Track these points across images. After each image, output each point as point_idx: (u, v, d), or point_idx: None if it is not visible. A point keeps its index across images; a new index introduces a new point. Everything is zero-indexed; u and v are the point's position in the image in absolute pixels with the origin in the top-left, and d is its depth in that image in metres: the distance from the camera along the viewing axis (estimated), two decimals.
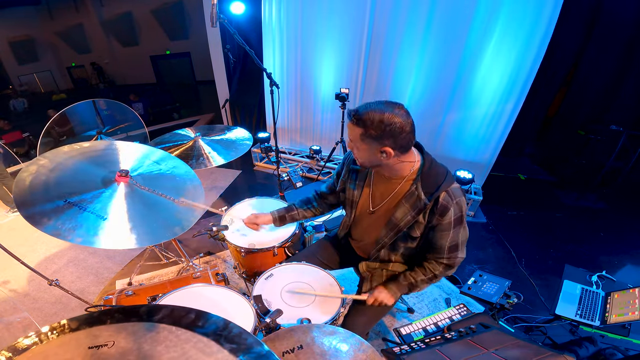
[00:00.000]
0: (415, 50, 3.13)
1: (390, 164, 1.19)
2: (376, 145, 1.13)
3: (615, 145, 3.54)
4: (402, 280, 1.38)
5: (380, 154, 1.15)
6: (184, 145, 2.07)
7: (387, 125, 1.08)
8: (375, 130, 1.09)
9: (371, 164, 1.23)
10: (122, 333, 0.71)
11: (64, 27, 9.36)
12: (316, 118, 4.03)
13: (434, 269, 1.33)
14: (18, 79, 9.42)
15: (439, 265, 1.32)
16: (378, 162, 1.19)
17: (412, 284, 1.37)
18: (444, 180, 1.18)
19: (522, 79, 2.78)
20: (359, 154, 1.21)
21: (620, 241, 2.92)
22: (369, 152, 1.16)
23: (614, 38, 3.40)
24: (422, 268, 1.36)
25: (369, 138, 1.12)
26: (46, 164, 1.23)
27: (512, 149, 3.97)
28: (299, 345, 1.04)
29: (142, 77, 10.09)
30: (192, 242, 2.83)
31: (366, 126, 1.10)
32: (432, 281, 1.38)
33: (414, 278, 1.36)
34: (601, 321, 1.57)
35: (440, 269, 1.32)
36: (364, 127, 1.10)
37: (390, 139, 1.10)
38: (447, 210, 1.17)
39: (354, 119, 1.12)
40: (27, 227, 3.10)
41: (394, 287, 1.38)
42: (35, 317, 2.17)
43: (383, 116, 1.08)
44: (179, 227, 1.25)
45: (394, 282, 1.39)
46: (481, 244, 2.84)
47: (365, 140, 1.13)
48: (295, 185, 2.48)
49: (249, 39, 3.95)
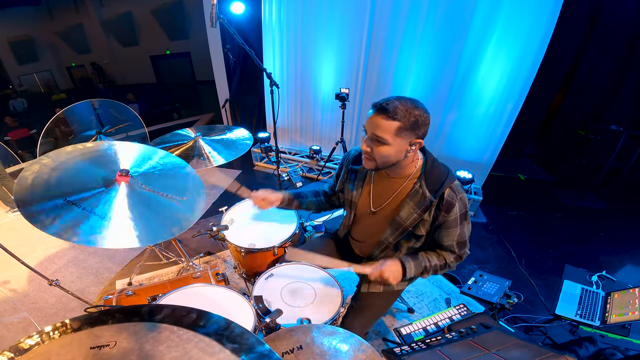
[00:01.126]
0: (415, 50, 3.13)
1: (408, 159, 1.18)
2: (410, 137, 1.10)
3: (615, 145, 3.54)
4: (421, 259, 1.29)
5: (410, 147, 1.12)
6: (185, 145, 2.07)
7: (419, 116, 1.07)
8: (411, 124, 1.07)
9: (394, 161, 1.16)
10: (124, 333, 0.71)
11: (64, 27, 9.34)
12: (316, 118, 4.04)
13: (446, 257, 1.30)
14: (18, 79, 9.41)
15: (451, 255, 1.30)
16: (400, 159, 1.15)
17: (426, 267, 1.29)
18: (447, 178, 1.18)
19: (522, 79, 2.78)
20: (388, 150, 1.12)
21: (620, 241, 2.92)
22: (400, 146, 1.11)
23: (614, 38, 3.41)
24: (436, 253, 1.31)
25: (405, 131, 1.08)
26: (49, 163, 1.23)
27: (512, 149, 3.96)
28: (299, 346, 1.04)
29: (142, 77, 10.08)
30: (192, 242, 2.83)
31: (404, 118, 1.06)
32: (442, 269, 1.32)
33: (429, 260, 1.29)
34: (601, 321, 1.58)
35: (452, 259, 1.30)
36: (401, 119, 1.06)
37: (422, 128, 1.10)
38: (453, 207, 1.17)
39: (390, 112, 1.05)
40: (27, 227, 3.10)
41: (412, 265, 1.27)
42: (35, 317, 2.17)
43: (418, 108, 1.07)
44: (178, 228, 1.25)
45: (413, 258, 1.29)
46: (481, 244, 2.84)
47: (401, 134, 1.08)
48: (295, 185, 2.48)
49: (249, 39, 3.95)
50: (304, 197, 1.58)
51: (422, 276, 1.32)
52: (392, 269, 1.24)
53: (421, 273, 1.30)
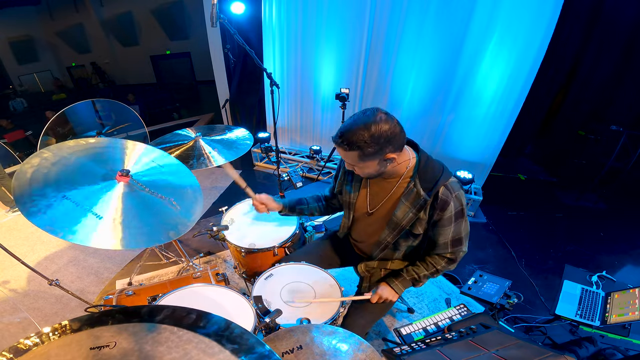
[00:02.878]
0: (415, 50, 3.12)
1: (394, 164, 1.19)
2: (378, 158, 1.11)
3: (615, 145, 3.54)
4: (405, 275, 1.38)
5: (385, 162, 1.14)
6: (185, 145, 2.07)
7: (379, 137, 1.06)
8: (371, 147, 1.07)
9: (380, 173, 1.21)
10: (124, 334, 0.71)
11: (64, 27, 9.34)
12: (316, 118, 4.03)
13: (436, 263, 1.33)
14: (18, 79, 9.41)
15: (442, 260, 1.32)
16: (384, 170, 1.19)
17: (415, 279, 1.37)
18: (441, 175, 1.18)
19: (522, 79, 2.78)
20: (364, 171, 1.19)
21: (620, 241, 2.92)
22: (373, 167, 1.15)
23: (614, 38, 3.40)
24: (424, 263, 1.36)
25: (368, 156, 1.10)
26: (49, 157, 1.21)
27: (512, 149, 3.97)
28: (299, 346, 1.04)
29: (142, 77, 10.08)
30: (192, 242, 2.83)
31: (360, 147, 1.07)
32: (433, 276, 1.38)
33: (416, 273, 1.36)
34: (601, 321, 1.58)
35: (443, 264, 1.33)
36: (359, 148, 1.08)
37: (389, 146, 1.09)
38: (448, 205, 1.17)
39: (345, 146, 1.09)
40: (27, 227, 3.12)
41: (398, 283, 1.38)
42: (35, 317, 2.17)
43: (371, 129, 1.05)
44: (174, 232, 1.23)
45: (397, 277, 1.38)
46: (481, 244, 2.84)
47: (366, 159, 1.11)
48: (295, 185, 2.48)
49: (249, 38, 3.95)
50: (305, 204, 1.61)
51: (417, 285, 1.41)
52: (385, 292, 1.37)
53: (412, 284, 1.40)
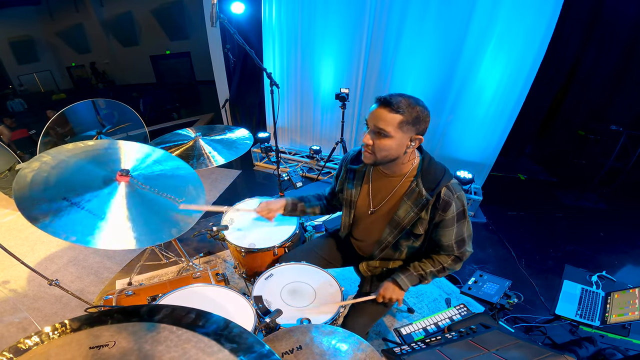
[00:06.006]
0: (415, 50, 3.12)
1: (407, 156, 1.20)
2: (412, 131, 1.13)
3: (615, 145, 3.54)
4: (412, 270, 1.34)
5: (410, 142, 1.15)
6: (185, 145, 2.07)
7: (420, 112, 1.11)
8: (412, 117, 1.10)
9: (394, 156, 1.18)
10: (123, 333, 0.71)
11: (64, 27, 9.35)
12: (316, 118, 4.03)
13: (443, 261, 1.32)
14: (18, 78, 9.41)
15: (448, 258, 1.31)
16: (400, 154, 1.18)
17: (422, 276, 1.34)
18: (444, 176, 1.19)
19: (522, 79, 2.78)
20: (390, 143, 1.13)
21: (620, 241, 2.92)
22: (401, 141, 1.14)
23: (614, 38, 3.40)
24: (431, 260, 1.34)
25: (407, 125, 1.11)
26: (49, 160, 1.22)
27: (512, 149, 3.97)
28: (299, 346, 1.04)
29: (142, 77, 10.09)
30: (192, 242, 2.83)
31: (406, 112, 1.09)
32: (440, 274, 1.36)
33: (423, 269, 1.33)
34: (601, 321, 1.58)
35: (450, 261, 1.32)
36: (404, 113, 1.09)
37: (422, 124, 1.13)
38: (450, 205, 1.18)
39: (394, 106, 1.08)
40: (26, 227, 3.12)
41: (404, 278, 1.33)
42: (35, 317, 2.17)
43: (419, 103, 1.11)
44: (176, 229, 1.24)
45: (404, 273, 1.34)
46: (481, 244, 2.84)
47: (403, 127, 1.11)
48: (295, 185, 2.48)
49: (249, 38, 3.95)
50: (307, 201, 1.60)
51: (423, 282, 1.37)
52: (389, 290, 1.33)
53: (419, 281, 1.36)
